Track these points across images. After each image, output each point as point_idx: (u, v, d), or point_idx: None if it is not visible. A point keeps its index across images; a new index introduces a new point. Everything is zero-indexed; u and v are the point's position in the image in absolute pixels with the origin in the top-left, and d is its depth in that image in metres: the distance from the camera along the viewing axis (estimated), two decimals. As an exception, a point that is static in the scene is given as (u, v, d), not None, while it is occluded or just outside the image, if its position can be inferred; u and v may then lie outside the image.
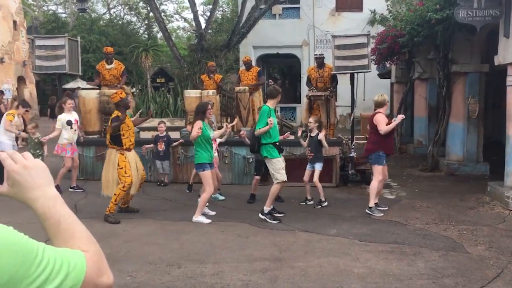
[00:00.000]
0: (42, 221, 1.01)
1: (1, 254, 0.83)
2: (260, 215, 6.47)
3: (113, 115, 6.54)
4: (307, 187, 7.55)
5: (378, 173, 6.85)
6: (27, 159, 1.04)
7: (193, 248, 5.32)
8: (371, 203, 6.82)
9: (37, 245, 0.90)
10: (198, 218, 6.39)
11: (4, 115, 9.12)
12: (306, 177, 7.49)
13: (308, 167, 7.52)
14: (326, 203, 7.34)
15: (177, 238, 5.70)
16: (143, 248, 5.33)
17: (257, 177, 7.67)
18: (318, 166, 7.40)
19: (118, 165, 6.50)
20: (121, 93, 6.72)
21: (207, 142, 6.49)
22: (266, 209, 6.46)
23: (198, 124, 6.38)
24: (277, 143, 6.49)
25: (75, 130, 8.26)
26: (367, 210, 6.80)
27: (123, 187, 6.47)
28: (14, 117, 8.72)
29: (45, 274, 0.86)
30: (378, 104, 6.97)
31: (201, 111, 6.55)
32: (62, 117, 8.16)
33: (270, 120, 6.44)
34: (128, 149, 6.65)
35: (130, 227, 6.20)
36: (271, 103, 6.59)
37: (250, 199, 7.61)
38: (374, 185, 6.81)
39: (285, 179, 6.45)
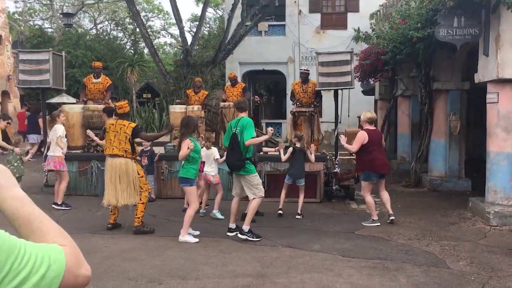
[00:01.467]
0: (11, 221, 1.05)
1: None
2: (239, 235, 6.26)
3: (133, 124, 6.68)
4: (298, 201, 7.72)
5: None
6: None
7: (175, 264, 5.26)
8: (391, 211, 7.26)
9: (19, 241, 0.95)
10: (185, 237, 6.17)
11: None
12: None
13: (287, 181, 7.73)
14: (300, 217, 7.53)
15: (159, 254, 5.63)
16: (124, 264, 5.26)
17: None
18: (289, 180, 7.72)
19: (138, 174, 6.58)
20: (127, 104, 6.92)
21: (197, 157, 6.39)
22: (246, 227, 6.26)
23: (187, 142, 6.16)
24: (252, 159, 6.36)
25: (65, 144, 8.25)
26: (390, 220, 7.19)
27: (148, 194, 6.72)
28: None
29: (29, 267, 0.92)
30: (373, 121, 7.23)
31: (191, 126, 6.31)
32: (63, 128, 8.10)
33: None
34: None
35: (111, 243, 6.12)
36: (246, 116, 6.46)
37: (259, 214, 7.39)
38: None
39: (263, 194, 6.38)
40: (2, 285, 0.88)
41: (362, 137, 7.02)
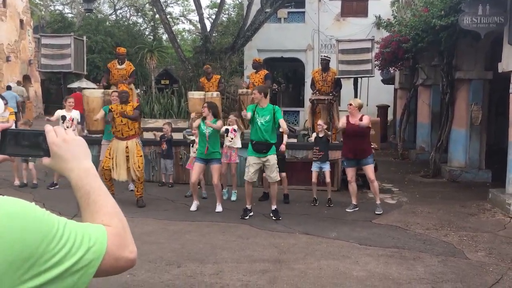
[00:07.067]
0: (75, 191, 1.07)
1: (23, 230, 0.85)
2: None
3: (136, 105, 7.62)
4: (315, 188, 7.68)
5: None
6: (68, 134, 1.10)
7: (194, 248, 5.34)
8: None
9: (58, 221, 0.91)
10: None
11: None
12: (315, 179, 7.66)
13: (315, 168, 7.60)
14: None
15: (178, 238, 5.72)
16: (144, 247, 5.35)
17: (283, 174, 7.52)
18: (328, 167, 7.67)
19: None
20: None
21: (201, 137, 7.03)
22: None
23: (199, 120, 7.13)
24: (253, 142, 6.70)
25: (66, 127, 8.26)
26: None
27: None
28: None
29: (66, 249, 0.88)
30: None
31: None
32: (59, 112, 8.41)
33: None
34: None
35: (131, 226, 6.16)
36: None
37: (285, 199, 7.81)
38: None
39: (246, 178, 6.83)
40: (36, 266, 0.85)
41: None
